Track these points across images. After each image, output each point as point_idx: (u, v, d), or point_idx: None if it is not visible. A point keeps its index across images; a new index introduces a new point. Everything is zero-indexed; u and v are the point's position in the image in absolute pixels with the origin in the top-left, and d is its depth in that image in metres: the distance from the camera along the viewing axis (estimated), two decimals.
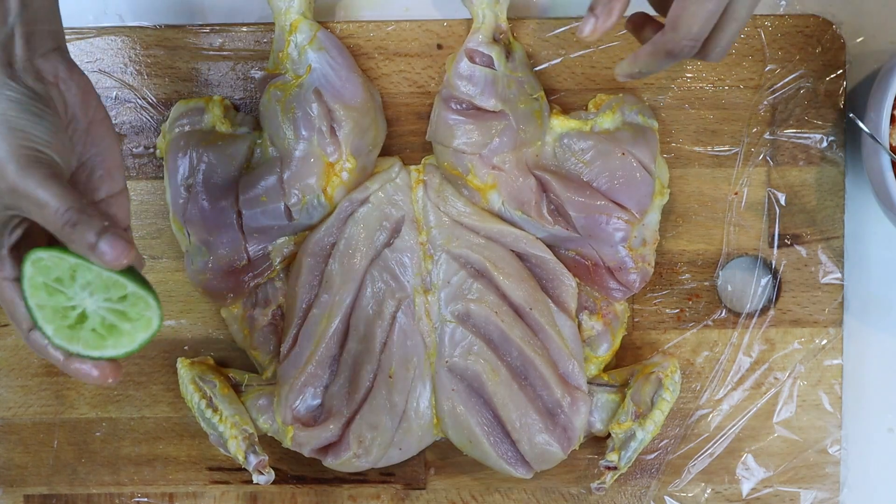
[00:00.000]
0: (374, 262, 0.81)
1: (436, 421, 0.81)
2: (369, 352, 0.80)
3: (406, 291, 0.81)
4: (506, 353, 0.80)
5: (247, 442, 0.79)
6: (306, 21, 0.80)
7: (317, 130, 0.79)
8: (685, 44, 0.64)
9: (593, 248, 0.80)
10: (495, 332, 0.79)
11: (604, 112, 0.81)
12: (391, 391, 0.79)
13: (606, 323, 0.82)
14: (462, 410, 0.79)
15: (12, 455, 0.86)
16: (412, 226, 0.81)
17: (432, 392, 0.80)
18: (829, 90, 0.83)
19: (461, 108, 0.79)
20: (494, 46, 0.79)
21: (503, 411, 0.79)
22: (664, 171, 0.82)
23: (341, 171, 0.79)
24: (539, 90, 0.81)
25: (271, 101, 0.79)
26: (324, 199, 0.80)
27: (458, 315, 0.80)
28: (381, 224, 0.81)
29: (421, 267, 0.81)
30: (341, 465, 0.80)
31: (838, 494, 0.85)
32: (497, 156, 0.79)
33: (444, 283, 0.80)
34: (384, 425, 0.79)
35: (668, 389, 0.79)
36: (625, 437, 0.79)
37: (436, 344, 0.80)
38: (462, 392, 0.79)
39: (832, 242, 0.84)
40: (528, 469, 0.80)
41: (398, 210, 0.81)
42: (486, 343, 0.79)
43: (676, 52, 0.64)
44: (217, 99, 0.82)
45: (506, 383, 0.79)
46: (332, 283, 0.80)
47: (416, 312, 0.81)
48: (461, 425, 0.79)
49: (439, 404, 0.80)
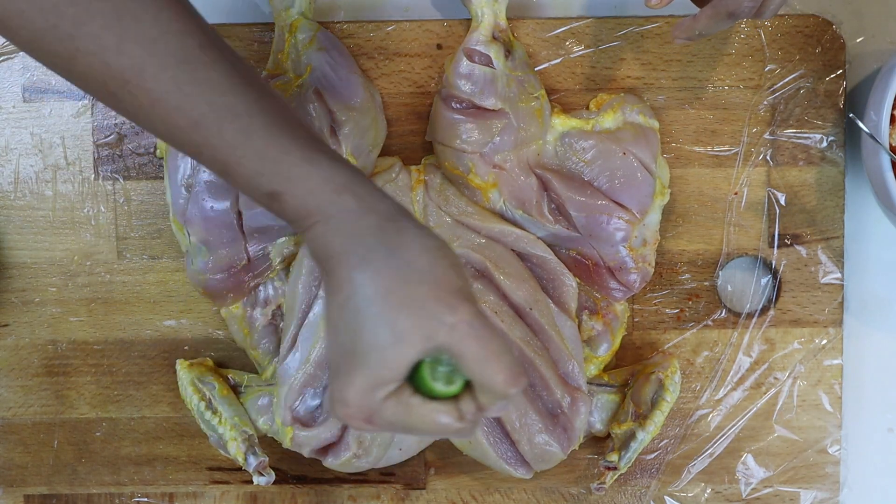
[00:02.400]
0: None
1: None
2: None
3: None
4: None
5: (247, 443, 0.79)
6: (306, 21, 0.80)
7: (316, 130, 0.78)
8: (746, 4, 0.66)
9: (594, 247, 0.80)
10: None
11: (605, 111, 0.81)
12: None
13: (606, 323, 0.82)
14: None
15: (12, 455, 0.86)
16: None
17: None
18: (829, 90, 0.83)
19: (461, 107, 0.79)
20: (493, 45, 0.79)
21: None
22: (665, 171, 0.82)
23: None
24: (540, 89, 0.81)
25: None
26: None
27: None
28: None
29: None
30: (341, 466, 0.80)
31: (838, 494, 0.85)
32: (498, 154, 0.79)
33: None
34: None
35: (668, 390, 0.79)
36: (625, 438, 0.79)
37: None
38: None
39: (832, 242, 0.84)
40: (527, 469, 0.80)
41: None
42: None
43: (738, 12, 0.66)
44: None
45: None
46: None
47: None
48: None
49: None
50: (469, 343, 0.55)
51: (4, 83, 0.85)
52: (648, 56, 0.83)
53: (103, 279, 0.85)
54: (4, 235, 0.85)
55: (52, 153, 0.85)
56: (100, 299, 0.86)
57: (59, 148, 0.85)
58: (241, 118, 0.57)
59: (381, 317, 0.55)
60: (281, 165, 0.57)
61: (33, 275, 0.85)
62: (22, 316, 0.86)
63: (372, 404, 0.56)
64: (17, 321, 0.86)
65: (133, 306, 0.86)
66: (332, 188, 0.57)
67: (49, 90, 0.85)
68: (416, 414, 0.56)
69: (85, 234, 0.85)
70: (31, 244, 0.85)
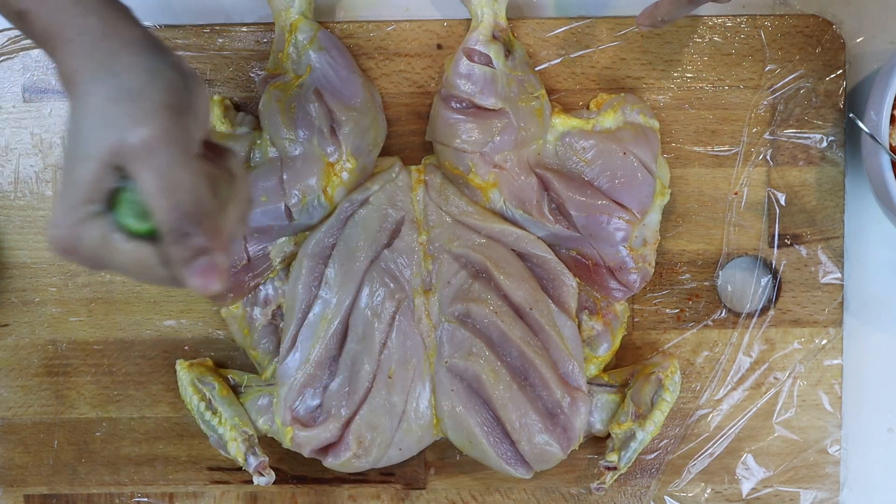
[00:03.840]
0: (374, 264, 0.80)
1: (435, 421, 0.81)
2: (368, 352, 0.79)
3: (405, 292, 0.80)
4: (506, 353, 0.80)
5: (247, 444, 0.79)
6: (306, 21, 0.80)
7: (317, 130, 0.79)
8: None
9: (594, 247, 0.80)
10: (495, 332, 0.79)
11: (605, 111, 0.81)
12: (391, 392, 0.79)
13: (606, 323, 0.82)
14: (461, 411, 0.79)
15: (12, 455, 0.86)
16: (412, 226, 0.81)
17: (432, 392, 0.80)
18: (829, 90, 0.83)
19: (461, 106, 0.79)
20: (493, 45, 0.79)
21: (503, 411, 0.79)
22: (665, 171, 0.82)
23: (341, 172, 0.79)
24: (540, 89, 0.81)
25: (271, 102, 0.79)
26: (324, 200, 0.80)
27: (458, 315, 0.80)
28: (381, 225, 0.81)
29: (421, 267, 0.81)
30: (341, 466, 0.80)
31: (838, 494, 0.85)
32: (498, 154, 0.79)
33: (445, 283, 0.80)
34: (384, 426, 0.79)
35: (668, 390, 0.79)
36: (625, 438, 0.79)
37: (435, 344, 0.80)
38: (461, 392, 0.79)
39: (832, 242, 0.84)
40: (527, 469, 0.80)
41: (398, 211, 0.81)
42: (486, 343, 0.79)
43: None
44: (217, 99, 0.82)
45: (505, 383, 0.79)
46: (332, 285, 0.80)
47: (415, 313, 0.80)
48: (461, 425, 0.79)
49: (439, 405, 0.80)
50: (145, 167, 0.53)
51: (4, 83, 0.85)
52: (648, 56, 0.83)
53: (103, 279, 0.85)
54: (4, 235, 0.85)
55: (52, 153, 0.85)
56: (100, 299, 0.86)
57: (59, 148, 0.85)
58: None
59: (83, 134, 0.54)
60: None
61: (33, 275, 0.86)
62: (22, 316, 0.86)
63: (73, 229, 0.55)
64: (17, 321, 0.86)
65: (133, 306, 0.86)
66: (79, 10, 0.56)
67: (49, 90, 0.85)
68: (116, 249, 0.55)
69: None
70: (31, 244, 0.85)
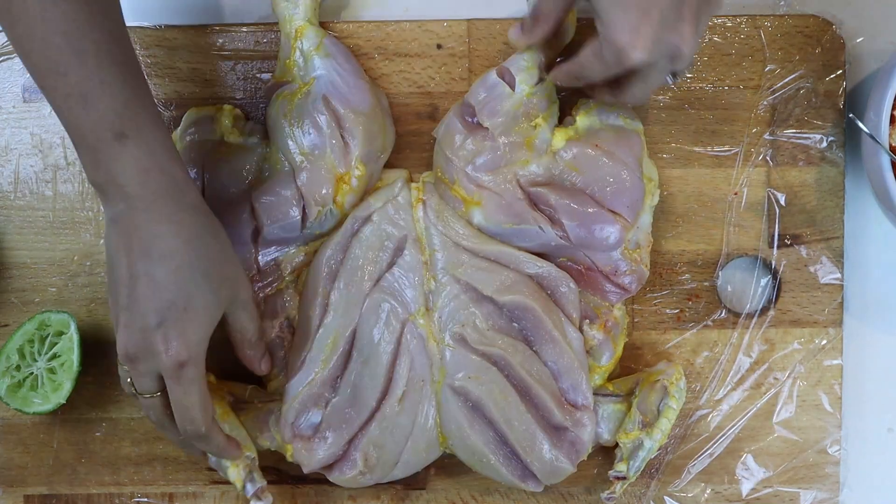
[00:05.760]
0: (378, 284, 0.80)
1: (441, 438, 0.80)
2: (373, 372, 0.79)
3: (409, 311, 0.79)
4: (509, 371, 0.79)
5: (246, 470, 0.78)
6: (312, 27, 0.80)
7: (327, 139, 0.78)
8: (598, 82, 0.75)
9: (587, 255, 0.80)
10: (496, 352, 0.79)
11: (579, 113, 0.81)
12: (398, 412, 0.79)
13: (607, 331, 0.81)
14: (468, 430, 0.78)
15: (12, 455, 0.86)
16: (414, 245, 0.80)
17: (437, 412, 0.80)
18: (829, 90, 0.83)
19: (469, 120, 0.79)
20: (528, 73, 0.78)
21: (510, 430, 0.78)
22: (653, 171, 0.81)
23: (351, 179, 0.79)
24: (539, 115, 0.79)
25: (279, 112, 0.79)
26: (335, 209, 0.79)
27: (461, 336, 0.79)
28: (384, 244, 0.80)
29: (423, 287, 0.80)
30: (347, 482, 0.80)
31: (838, 494, 0.85)
32: (484, 173, 0.79)
33: (447, 304, 0.80)
34: (391, 444, 0.79)
35: (674, 397, 0.78)
36: (632, 447, 0.79)
37: (440, 364, 0.79)
38: (467, 412, 0.79)
39: (832, 242, 0.84)
40: (537, 483, 0.80)
41: (400, 230, 0.80)
42: (491, 362, 0.79)
43: (587, 81, 0.75)
44: (228, 108, 0.82)
45: (512, 402, 0.78)
46: (338, 306, 0.79)
47: (419, 333, 0.79)
48: (469, 445, 0.79)
49: (445, 424, 0.79)
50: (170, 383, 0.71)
51: (4, 83, 0.85)
52: None
53: (103, 279, 0.85)
54: (4, 235, 0.85)
55: (52, 153, 0.85)
56: (100, 299, 0.86)
57: (59, 148, 0.85)
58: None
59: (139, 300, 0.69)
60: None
61: (33, 275, 0.86)
62: (22, 316, 0.85)
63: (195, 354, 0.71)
64: (17, 321, 0.86)
65: None
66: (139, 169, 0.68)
67: None
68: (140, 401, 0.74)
69: (85, 234, 0.85)
70: (31, 244, 0.85)
